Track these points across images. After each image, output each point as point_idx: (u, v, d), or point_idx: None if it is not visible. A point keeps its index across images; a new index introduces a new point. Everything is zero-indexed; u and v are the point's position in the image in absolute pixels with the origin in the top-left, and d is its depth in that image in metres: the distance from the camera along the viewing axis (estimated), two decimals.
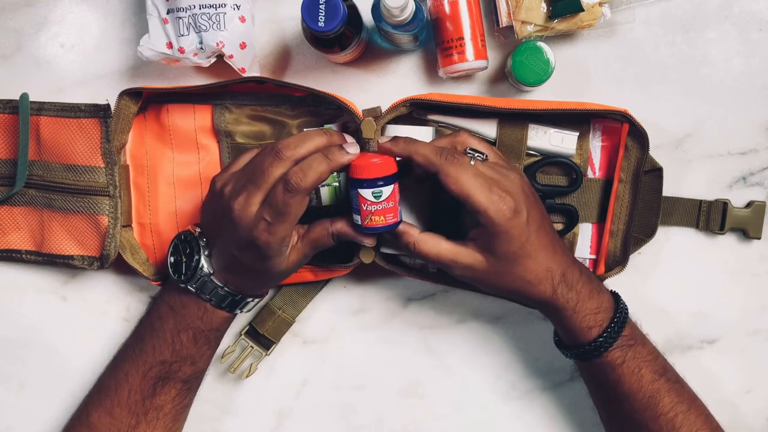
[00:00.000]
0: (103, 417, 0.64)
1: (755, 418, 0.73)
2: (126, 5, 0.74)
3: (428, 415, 0.75)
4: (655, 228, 0.68)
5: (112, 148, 0.69)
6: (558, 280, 0.59)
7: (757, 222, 0.71)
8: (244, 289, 0.63)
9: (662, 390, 0.60)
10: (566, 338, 0.63)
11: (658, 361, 0.61)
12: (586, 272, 0.62)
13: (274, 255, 0.59)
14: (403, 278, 0.71)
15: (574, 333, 0.61)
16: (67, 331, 0.76)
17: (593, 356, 0.60)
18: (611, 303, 0.61)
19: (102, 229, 0.70)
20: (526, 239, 0.57)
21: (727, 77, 0.71)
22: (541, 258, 0.58)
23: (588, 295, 0.60)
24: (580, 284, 0.60)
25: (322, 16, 0.60)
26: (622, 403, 0.61)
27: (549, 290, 0.59)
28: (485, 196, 0.56)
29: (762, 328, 0.73)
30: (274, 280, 0.65)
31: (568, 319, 0.60)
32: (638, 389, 0.60)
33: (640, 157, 0.67)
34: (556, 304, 0.60)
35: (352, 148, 0.58)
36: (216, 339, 0.66)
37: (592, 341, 0.60)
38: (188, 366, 0.64)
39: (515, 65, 0.67)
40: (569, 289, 0.59)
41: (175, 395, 0.65)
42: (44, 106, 0.70)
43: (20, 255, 0.73)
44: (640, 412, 0.60)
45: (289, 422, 0.75)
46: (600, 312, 0.60)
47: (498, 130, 0.67)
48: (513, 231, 0.56)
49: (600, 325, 0.60)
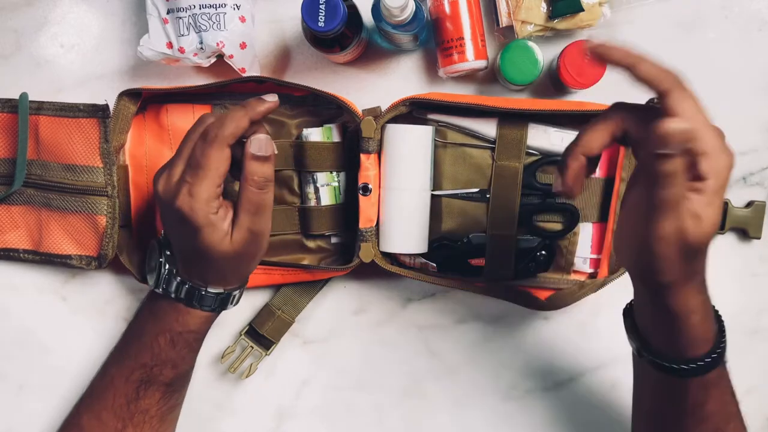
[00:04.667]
0: (92, 420, 0.64)
1: (755, 418, 0.73)
2: (126, 5, 0.74)
3: (428, 415, 0.75)
4: None
5: (111, 148, 0.69)
6: (700, 281, 0.50)
7: (757, 222, 0.71)
8: (209, 282, 0.60)
9: (733, 413, 0.55)
10: (664, 346, 0.51)
11: (732, 381, 0.54)
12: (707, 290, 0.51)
13: (204, 224, 0.55)
14: (403, 278, 0.71)
15: (695, 341, 0.50)
16: (67, 331, 0.76)
17: (704, 371, 0.51)
18: (715, 323, 0.52)
19: (100, 229, 0.70)
20: (719, 208, 0.46)
21: (727, 77, 0.71)
22: (711, 235, 0.47)
23: (709, 310, 0.51)
24: (706, 295, 0.50)
25: (322, 16, 0.60)
26: (693, 426, 0.54)
27: (698, 280, 0.49)
28: (716, 140, 0.45)
29: (762, 328, 0.73)
30: (230, 264, 0.59)
31: (699, 322, 0.49)
32: (718, 411, 0.53)
33: None
34: (695, 299, 0.49)
35: (270, 97, 0.56)
36: (195, 341, 0.64)
37: (700, 357, 0.50)
38: (169, 369, 0.63)
39: (503, 63, 0.67)
40: (705, 289, 0.49)
41: (159, 398, 0.63)
42: (43, 106, 0.70)
43: (18, 254, 0.73)
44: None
45: (289, 422, 0.75)
46: (711, 330, 0.50)
47: (498, 129, 0.67)
48: (721, 192, 0.46)
49: (711, 340, 0.50)
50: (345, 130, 0.70)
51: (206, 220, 0.55)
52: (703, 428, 0.54)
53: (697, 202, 0.45)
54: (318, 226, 0.71)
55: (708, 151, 0.45)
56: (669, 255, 0.46)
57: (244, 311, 0.74)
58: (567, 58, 0.66)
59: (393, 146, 0.67)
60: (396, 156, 0.67)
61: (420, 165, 0.67)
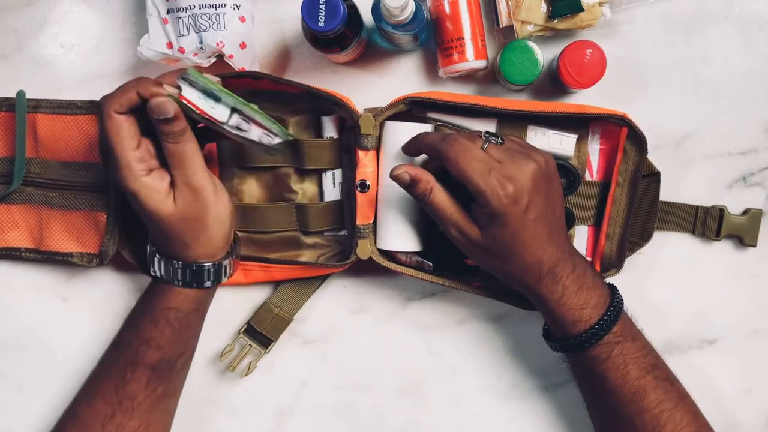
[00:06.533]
0: (85, 408, 0.64)
1: (755, 418, 0.73)
2: (126, 5, 0.74)
3: (428, 414, 0.75)
4: (652, 232, 0.69)
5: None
6: (545, 272, 0.59)
7: (753, 229, 0.71)
8: (176, 253, 0.62)
9: (648, 386, 0.60)
10: (553, 329, 0.63)
11: (647, 359, 0.61)
12: (581, 268, 0.61)
13: (136, 188, 0.58)
14: (403, 278, 0.71)
15: (558, 325, 0.61)
16: (67, 331, 0.76)
17: (577, 350, 0.61)
18: (604, 300, 0.61)
19: (101, 226, 0.70)
20: (521, 227, 0.57)
21: (727, 77, 0.71)
22: (532, 248, 0.59)
23: (576, 291, 0.60)
24: (569, 279, 0.60)
25: (322, 16, 0.60)
26: (607, 396, 0.61)
27: (532, 279, 0.60)
28: (483, 180, 0.56)
29: (762, 328, 0.73)
30: (183, 228, 0.60)
31: (552, 310, 0.61)
32: (623, 384, 0.60)
33: (638, 161, 0.67)
34: (539, 292, 0.60)
35: (169, 88, 0.57)
36: (177, 321, 0.63)
37: (576, 336, 0.60)
38: (153, 351, 0.63)
39: (503, 63, 0.67)
40: (555, 282, 0.60)
41: (146, 383, 0.63)
42: (41, 104, 0.70)
43: (19, 253, 0.73)
44: (624, 406, 0.60)
45: (289, 422, 0.75)
46: (586, 308, 0.60)
47: (497, 131, 0.67)
48: (509, 217, 0.57)
49: (586, 320, 0.60)
50: (342, 125, 0.70)
51: (136, 184, 0.58)
52: (616, 398, 0.61)
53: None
54: (315, 223, 0.71)
55: (477, 192, 0.57)
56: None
57: (242, 309, 0.74)
58: (567, 58, 0.66)
59: (392, 143, 0.67)
60: (394, 153, 0.67)
61: (418, 163, 0.67)
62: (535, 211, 0.58)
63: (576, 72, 0.66)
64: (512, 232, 0.57)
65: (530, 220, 0.58)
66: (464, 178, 0.56)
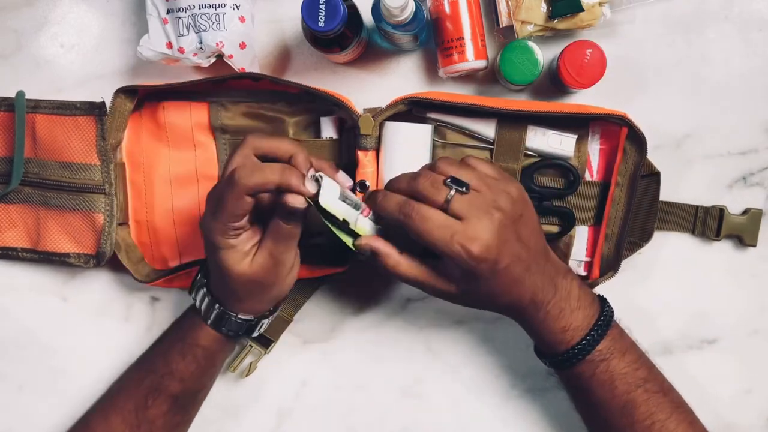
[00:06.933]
0: (100, 420, 0.65)
1: (755, 418, 0.73)
2: (126, 5, 0.74)
3: (428, 415, 0.75)
4: (651, 233, 0.68)
5: (108, 145, 0.69)
6: (526, 303, 0.60)
7: (753, 229, 0.71)
8: (227, 302, 0.62)
9: (638, 400, 0.60)
10: (539, 345, 0.64)
11: (638, 373, 0.61)
12: (564, 290, 0.60)
13: (222, 246, 0.57)
14: None
15: (542, 344, 0.63)
16: (67, 331, 0.76)
17: (563, 368, 0.62)
18: (588, 320, 0.60)
19: (98, 227, 0.70)
20: (493, 277, 0.57)
21: (727, 77, 0.71)
22: (510, 289, 0.58)
23: (558, 315, 0.60)
24: (551, 305, 0.60)
25: (322, 16, 0.60)
26: (596, 409, 0.62)
27: (513, 312, 0.61)
28: (448, 248, 0.55)
29: (762, 328, 0.73)
30: (246, 287, 0.60)
31: (536, 332, 0.62)
32: (611, 398, 0.60)
33: (638, 161, 0.67)
34: (521, 320, 0.62)
35: (309, 186, 0.55)
36: (204, 358, 0.64)
37: (558, 355, 0.61)
38: (177, 382, 0.63)
39: (503, 63, 0.67)
40: (536, 310, 0.60)
41: (167, 411, 0.64)
42: (40, 104, 0.70)
43: (16, 253, 0.73)
44: (615, 418, 0.61)
45: (289, 422, 0.75)
46: (568, 330, 0.60)
47: (497, 131, 0.67)
48: (479, 273, 0.56)
49: (568, 342, 0.60)
50: (342, 125, 0.70)
51: (224, 243, 0.57)
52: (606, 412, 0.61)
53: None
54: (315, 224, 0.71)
55: (444, 256, 0.56)
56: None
57: None
58: (567, 58, 0.66)
59: (392, 143, 0.67)
60: (394, 153, 0.67)
61: (419, 163, 0.67)
62: (507, 259, 0.56)
63: (576, 72, 0.66)
64: (485, 283, 0.57)
65: (502, 269, 0.57)
66: (429, 246, 0.56)
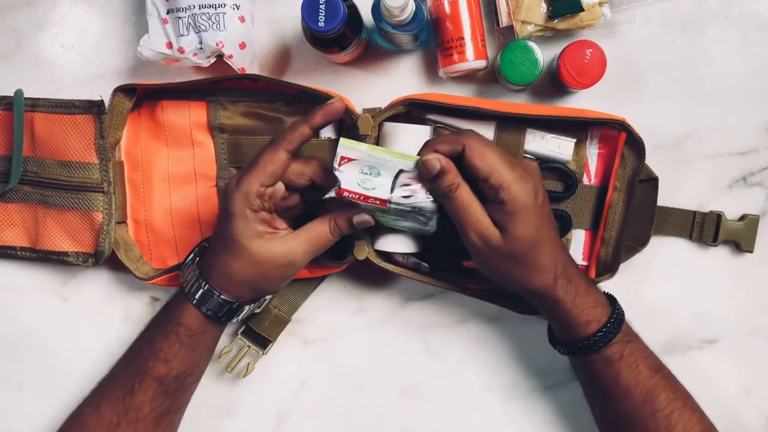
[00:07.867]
0: (91, 411, 0.64)
1: (755, 418, 0.73)
2: (126, 5, 0.74)
3: (428, 415, 0.75)
4: (648, 237, 0.68)
5: (106, 144, 0.69)
6: (560, 272, 0.59)
7: (750, 235, 0.71)
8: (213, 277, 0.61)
9: (659, 386, 0.60)
10: (562, 333, 0.62)
11: (653, 358, 0.62)
12: (581, 270, 0.62)
13: (237, 213, 0.57)
14: (403, 278, 0.71)
15: (571, 327, 0.60)
16: (67, 331, 0.76)
17: (591, 351, 0.60)
18: (604, 299, 0.62)
19: (96, 226, 0.70)
20: (540, 224, 0.57)
21: (727, 77, 0.71)
22: (549, 246, 0.58)
23: (585, 290, 0.60)
24: (578, 279, 0.60)
25: (322, 16, 0.60)
26: (620, 400, 0.61)
27: (551, 280, 0.59)
28: (509, 173, 0.55)
29: (762, 328, 0.73)
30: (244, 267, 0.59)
31: (566, 312, 0.60)
32: (636, 385, 0.60)
33: (636, 166, 0.67)
34: (555, 295, 0.59)
35: (336, 104, 0.59)
36: (187, 337, 0.62)
37: (591, 336, 0.60)
38: (161, 364, 0.62)
39: (503, 63, 0.67)
40: (568, 282, 0.59)
41: (153, 396, 0.63)
42: (38, 103, 0.70)
43: (15, 252, 0.73)
44: (637, 409, 0.60)
45: (289, 422, 0.75)
46: (598, 306, 0.60)
47: (496, 133, 0.67)
48: (531, 212, 0.56)
49: (599, 319, 0.60)
50: (341, 125, 0.70)
51: (241, 211, 0.58)
52: (629, 402, 0.60)
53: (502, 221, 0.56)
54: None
55: (502, 184, 0.55)
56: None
57: None
58: (567, 58, 0.66)
59: (390, 144, 0.67)
60: None
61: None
62: (546, 210, 0.58)
63: (576, 72, 0.66)
64: (533, 229, 0.56)
65: (545, 218, 0.58)
66: (489, 168, 0.55)
